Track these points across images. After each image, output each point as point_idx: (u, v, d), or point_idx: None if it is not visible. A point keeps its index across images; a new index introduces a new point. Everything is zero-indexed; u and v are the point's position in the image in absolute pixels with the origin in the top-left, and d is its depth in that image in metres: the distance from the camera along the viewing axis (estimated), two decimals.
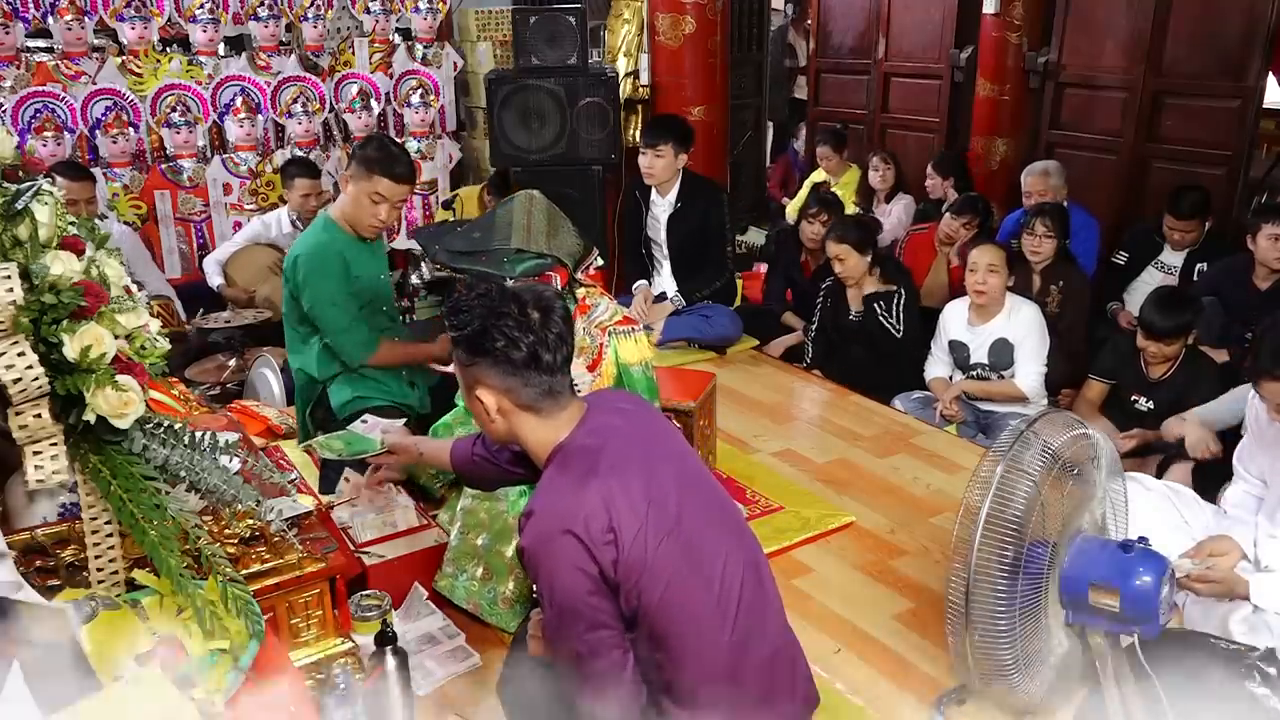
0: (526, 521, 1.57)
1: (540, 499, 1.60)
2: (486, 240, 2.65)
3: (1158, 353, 3.30)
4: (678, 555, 1.58)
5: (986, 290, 3.61)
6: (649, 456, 1.66)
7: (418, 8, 5.34)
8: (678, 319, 4.33)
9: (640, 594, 1.55)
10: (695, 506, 1.66)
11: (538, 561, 1.55)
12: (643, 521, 1.55)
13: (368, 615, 2.11)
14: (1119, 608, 1.80)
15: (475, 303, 1.65)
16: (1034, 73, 5.67)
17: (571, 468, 1.61)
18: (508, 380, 1.63)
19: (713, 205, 4.35)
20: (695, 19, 4.97)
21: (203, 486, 1.59)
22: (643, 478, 1.60)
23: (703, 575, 1.62)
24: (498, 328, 1.61)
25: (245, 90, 4.94)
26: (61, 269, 1.44)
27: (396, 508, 2.61)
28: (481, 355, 1.63)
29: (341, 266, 2.92)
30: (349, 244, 2.97)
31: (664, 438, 1.77)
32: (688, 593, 1.59)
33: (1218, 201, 4.51)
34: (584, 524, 1.52)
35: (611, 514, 1.53)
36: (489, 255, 2.61)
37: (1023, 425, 1.90)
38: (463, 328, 1.64)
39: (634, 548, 1.53)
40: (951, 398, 3.70)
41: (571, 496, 1.55)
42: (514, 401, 1.65)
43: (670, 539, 1.57)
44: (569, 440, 1.65)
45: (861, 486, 3.17)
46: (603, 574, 1.53)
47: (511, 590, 2.39)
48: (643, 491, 1.58)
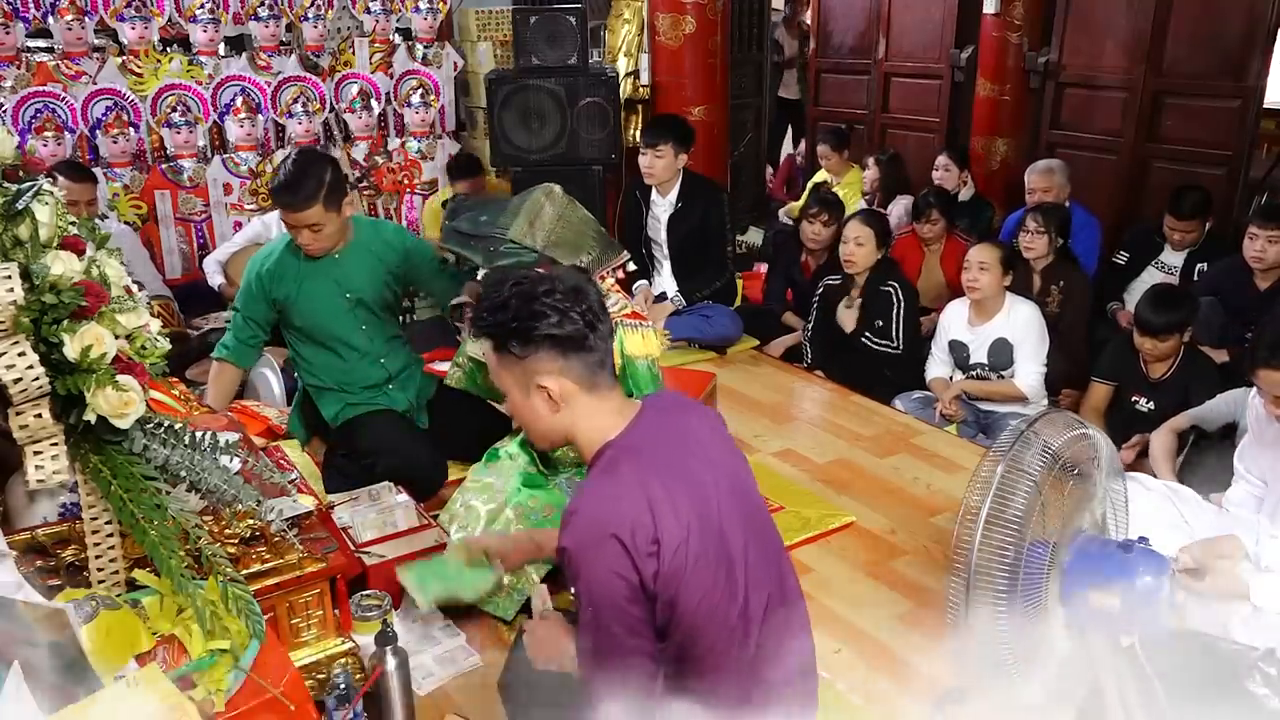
0: (570, 520, 1.52)
1: (586, 499, 1.55)
2: (490, 224, 2.65)
3: (1153, 350, 3.30)
4: (714, 571, 1.55)
5: (979, 288, 3.63)
6: (700, 466, 1.62)
7: (418, 8, 5.34)
8: (678, 319, 4.33)
9: (674, 606, 1.52)
10: (736, 522, 1.62)
11: (578, 564, 1.51)
12: (686, 535, 1.51)
13: (368, 615, 2.11)
14: (1119, 608, 1.80)
15: (511, 294, 1.60)
16: (1034, 73, 5.67)
17: (620, 470, 1.56)
18: (567, 358, 1.58)
19: (713, 205, 4.35)
20: (695, 19, 4.97)
21: (203, 486, 1.59)
22: (691, 489, 1.56)
23: (732, 593, 1.58)
24: (545, 306, 1.56)
25: (245, 90, 4.94)
26: (62, 269, 1.44)
27: (396, 508, 2.61)
28: (535, 343, 1.57)
29: (260, 283, 2.96)
30: (300, 256, 2.95)
31: (717, 446, 1.71)
32: (716, 608, 1.56)
33: (1218, 202, 4.51)
34: (630, 531, 1.47)
35: (657, 524, 1.49)
36: (481, 240, 2.61)
37: (1023, 425, 1.90)
38: (509, 321, 1.58)
39: (674, 560, 1.50)
40: (951, 397, 3.70)
41: (619, 501, 1.51)
42: (574, 379, 1.59)
43: (709, 555, 1.54)
44: (620, 439, 1.61)
45: (861, 486, 3.17)
46: (642, 583, 1.50)
47: (508, 580, 2.38)
48: (689, 504, 1.54)
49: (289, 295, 2.96)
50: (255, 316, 3.00)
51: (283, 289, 2.95)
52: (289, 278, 2.95)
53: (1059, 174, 4.65)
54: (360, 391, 3.05)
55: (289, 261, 2.95)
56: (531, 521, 2.42)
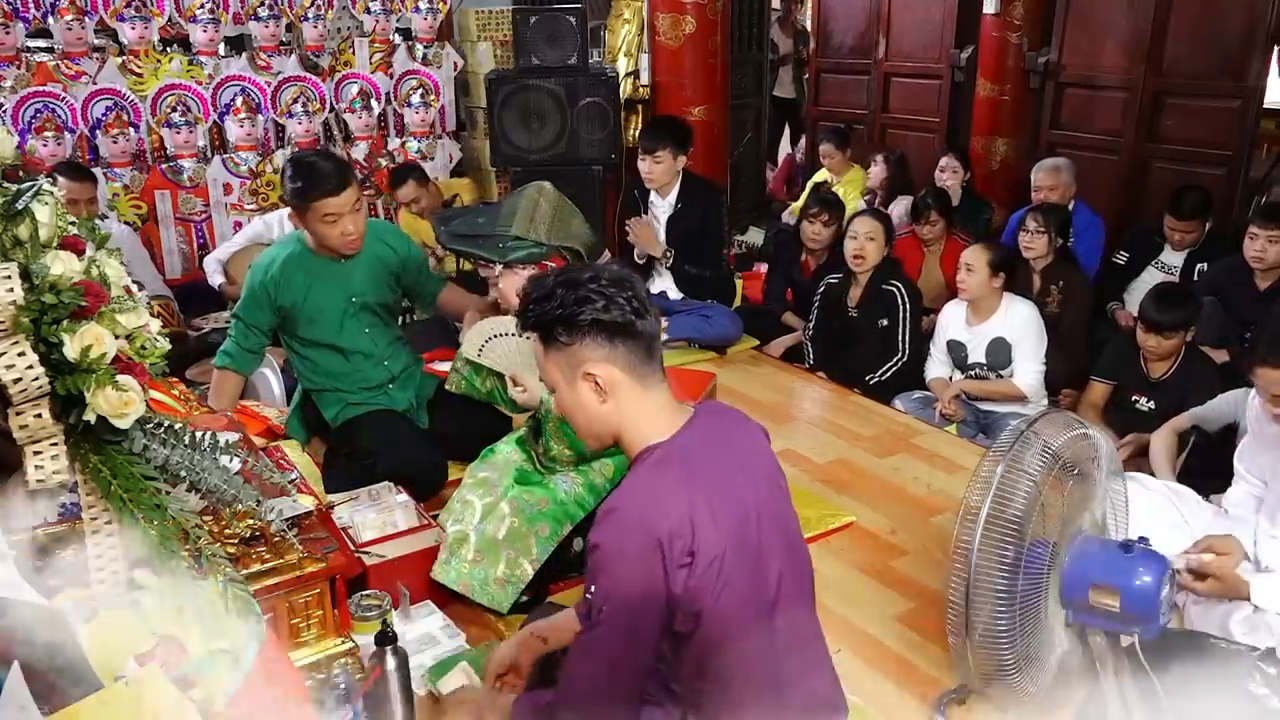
0: (606, 518, 1.49)
1: (626, 499, 1.51)
2: (489, 225, 2.66)
3: (1157, 347, 3.29)
4: (745, 588, 1.53)
5: (965, 288, 3.67)
6: (745, 483, 1.59)
7: (418, 8, 5.34)
8: (678, 319, 4.33)
9: (700, 618, 1.49)
10: (777, 549, 1.60)
11: (605, 561, 1.47)
12: (723, 550, 1.48)
13: (368, 615, 2.11)
14: (1119, 608, 1.80)
15: (556, 284, 1.58)
16: (1034, 73, 5.67)
17: (665, 474, 1.53)
18: (614, 344, 1.55)
19: (710, 205, 4.35)
20: (695, 19, 4.97)
21: (203, 486, 1.59)
22: (734, 506, 1.54)
23: (760, 613, 1.57)
24: (591, 292, 1.54)
25: (245, 90, 4.94)
26: (62, 269, 1.44)
27: (397, 508, 2.61)
28: (581, 329, 1.54)
29: (265, 291, 2.91)
30: (306, 263, 2.93)
31: (762, 466, 1.68)
32: (743, 627, 1.54)
33: (1218, 202, 4.51)
34: (667, 537, 1.44)
35: (695, 535, 1.45)
36: (487, 240, 2.62)
37: (1023, 425, 1.90)
38: (555, 309, 1.56)
39: (707, 573, 1.47)
40: (950, 396, 3.70)
41: (659, 505, 1.47)
42: (621, 368, 1.56)
43: (743, 573, 1.52)
44: (670, 441, 1.57)
45: (861, 486, 3.17)
46: (669, 593, 1.46)
47: (503, 571, 2.38)
48: (730, 521, 1.51)
49: (295, 301, 2.93)
50: (258, 324, 2.98)
51: (289, 295, 2.93)
52: (295, 284, 2.92)
53: (1065, 173, 4.64)
54: (361, 392, 3.05)
55: (293, 268, 2.93)
56: (526, 515, 2.42)
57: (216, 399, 3.00)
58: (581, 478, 2.51)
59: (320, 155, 2.86)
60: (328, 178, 2.73)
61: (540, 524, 2.43)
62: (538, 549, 2.41)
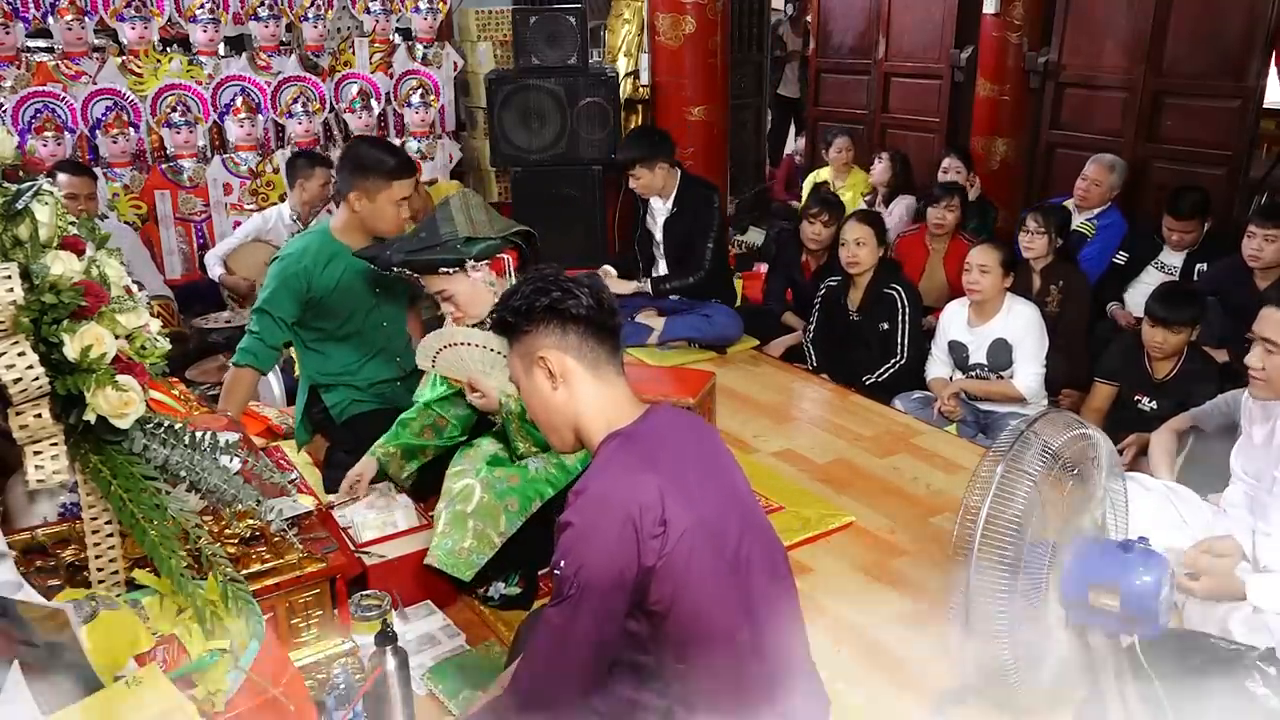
0: (577, 499, 1.51)
1: (595, 478, 1.54)
2: (433, 236, 2.67)
3: (1163, 343, 3.28)
4: (714, 560, 1.55)
5: (979, 290, 3.64)
6: (707, 465, 1.64)
7: (418, 8, 5.34)
8: (678, 319, 4.34)
9: (674, 595, 1.51)
10: (736, 516, 1.63)
11: (577, 540, 1.49)
12: (692, 523, 1.51)
13: (368, 615, 2.11)
14: (1119, 608, 1.80)
15: (526, 284, 1.65)
16: (1034, 73, 5.67)
17: (631, 454, 1.57)
18: (566, 332, 1.61)
19: (703, 205, 4.35)
20: (695, 19, 4.97)
21: (203, 486, 1.59)
22: (699, 481, 1.58)
23: (732, 584, 1.58)
24: (551, 284, 1.61)
25: (245, 90, 4.94)
26: (62, 269, 1.44)
27: (396, 508, 2.61)
28: (535, 317, 1.61)
29: (297, 281, 2.88)
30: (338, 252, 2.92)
31: (720, 454, 1.73)
32: (717, 600, 1.56)
33: (1218, 202, 4.51)
34: (639, 510, 1.47)
35: (665, 507, 1.49)
36: (441, 247, 2.63)
37: (1023, 425, 1.90)
38: (515, 302, 1.63)
39: (679, 545, 1.49)
40: (950, 395, 3.70)
41: (630, 479, 1.51)
42: (574, 356, 1.61)
43: (712, 545, 1.55)
44: (631, 427, 1.61)
45: (861, 486, 3.17)
46: (639, 568, 1.48)
47: (470, 543, 2.36)
48: (696, 494, 1.55)
49: (327, 288, 2.92)
50: (285, 316, 2.93)
51: (321, 284, 2.91)
52: (328, 273, 2.92)
53: (1117, 174, 4.61)
54: (369, 388, 3.06)
55: (326, 256, 2.92)
56: (496, 490, 2.42)
57: (229, 400, 2.94)
58: (554, 457, 2.51)
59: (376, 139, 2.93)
60: (410, 161, 2.87)
61: (510, 498, 2.42)
62: (506, 523, 2.40)
